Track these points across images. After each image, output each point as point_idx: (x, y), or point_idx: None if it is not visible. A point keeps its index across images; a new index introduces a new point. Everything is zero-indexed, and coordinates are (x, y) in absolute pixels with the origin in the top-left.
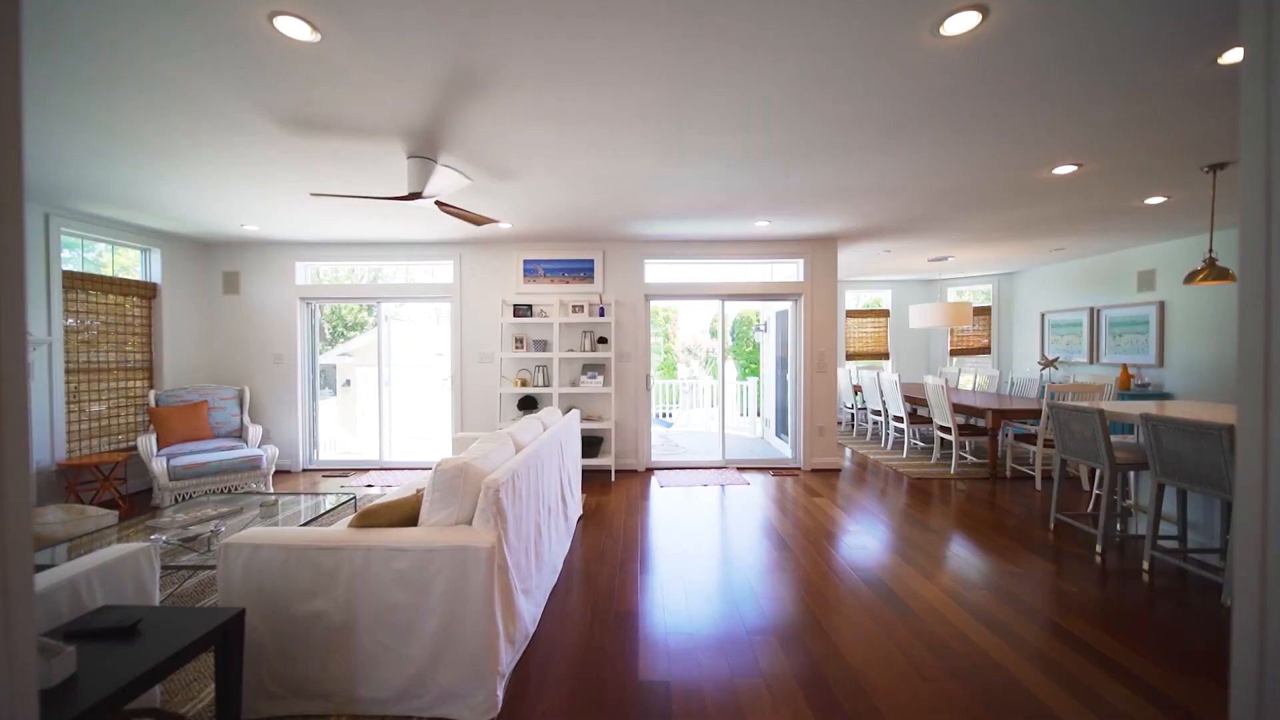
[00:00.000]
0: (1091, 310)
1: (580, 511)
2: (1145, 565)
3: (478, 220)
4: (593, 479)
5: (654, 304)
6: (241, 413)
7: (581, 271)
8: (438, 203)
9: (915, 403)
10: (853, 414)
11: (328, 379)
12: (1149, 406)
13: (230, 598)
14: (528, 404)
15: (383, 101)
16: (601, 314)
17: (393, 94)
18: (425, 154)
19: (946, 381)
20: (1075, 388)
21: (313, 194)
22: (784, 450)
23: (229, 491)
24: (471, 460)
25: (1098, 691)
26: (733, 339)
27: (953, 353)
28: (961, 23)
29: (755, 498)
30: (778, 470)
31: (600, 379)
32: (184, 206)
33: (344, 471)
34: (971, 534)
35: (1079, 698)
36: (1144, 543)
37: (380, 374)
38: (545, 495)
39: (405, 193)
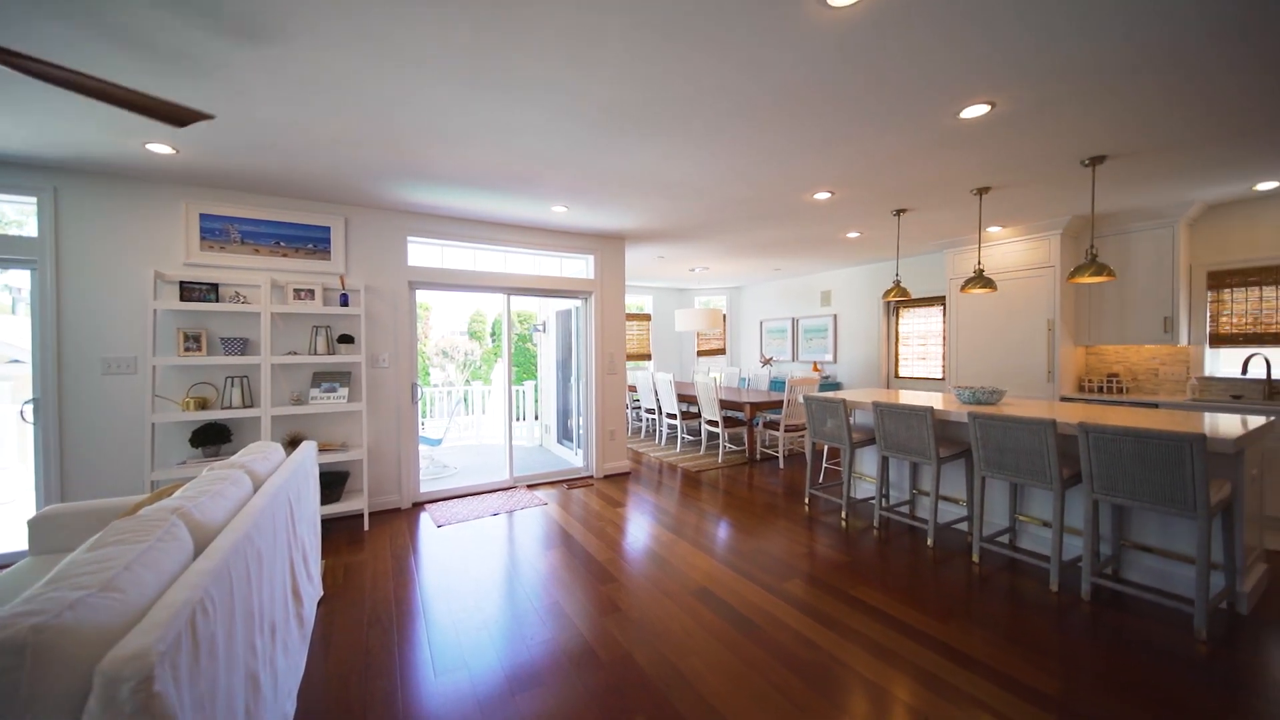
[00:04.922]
0: (793, 320)
1: (320, 592)
2: (875, 524)
3: (126, 99)
4: (335, 533)
5: (419, 295)
6: None
7: (311, 243)
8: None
9: (686, 400)
10: (626, 412)
11: None
12: (834, 395)
13: None
14: (212, 436)
15: None
16: (344, 302)
17: None
18: None
19: (716, 380)
20: (803, 382)
21: None
22: (570, 458)
23: None
24: (56, 620)
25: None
26: (493, 340)
27: (699, 354)
28: None
29: (558, 521)
30: (572, 482)
31: (344, 392)
32: None
33: None
34: (760, 520)
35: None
36: (867, 504)
37: None
38: (269, 606)
39: None
